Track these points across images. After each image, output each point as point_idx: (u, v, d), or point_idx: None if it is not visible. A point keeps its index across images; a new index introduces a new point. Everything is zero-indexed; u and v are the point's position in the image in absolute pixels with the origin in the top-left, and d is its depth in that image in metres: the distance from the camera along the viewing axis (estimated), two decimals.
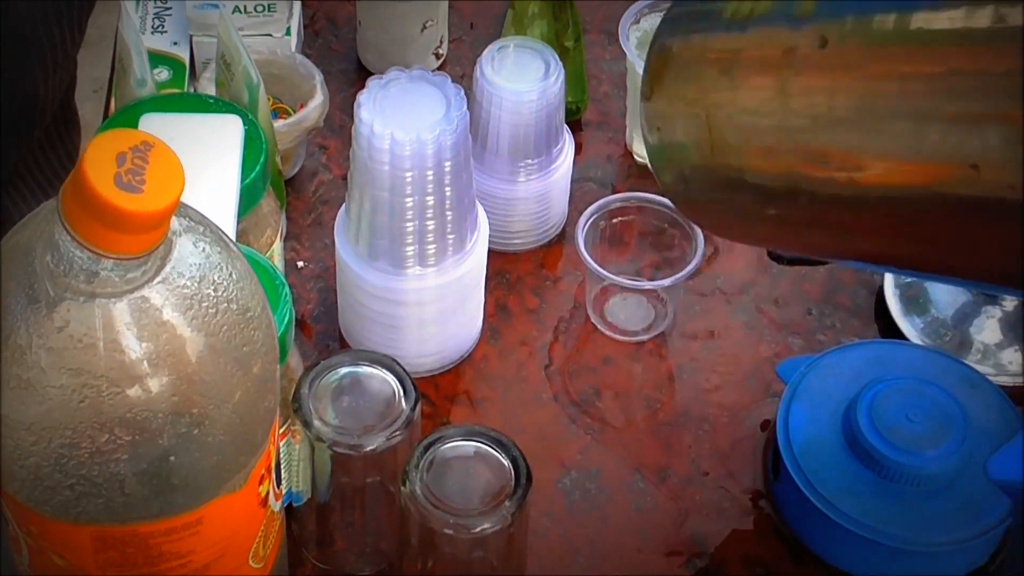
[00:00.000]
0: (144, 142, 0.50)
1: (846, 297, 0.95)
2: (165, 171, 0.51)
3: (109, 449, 0.54)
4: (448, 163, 0.79)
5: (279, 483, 0.66)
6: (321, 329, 0.92)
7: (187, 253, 0.54)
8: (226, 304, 0.55)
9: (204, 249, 0.55)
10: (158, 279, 0.53)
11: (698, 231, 0.90)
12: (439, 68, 1.05)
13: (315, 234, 0.96)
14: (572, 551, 0.83)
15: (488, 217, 0.89)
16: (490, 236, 0.90)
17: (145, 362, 0.53)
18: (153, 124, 0.78)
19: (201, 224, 0.56)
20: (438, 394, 0.89)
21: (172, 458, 0.55)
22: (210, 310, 0.54)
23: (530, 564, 0.80)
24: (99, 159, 0.49)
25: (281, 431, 0.77)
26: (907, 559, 0.79)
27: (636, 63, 0.95)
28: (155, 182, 0.50)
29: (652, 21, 0.98)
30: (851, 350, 0.86)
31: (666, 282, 0.88)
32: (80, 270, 0.52)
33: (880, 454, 0.79)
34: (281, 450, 0.78)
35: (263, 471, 0.61)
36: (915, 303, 0.93)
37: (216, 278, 0.55)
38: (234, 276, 0.56)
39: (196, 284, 0.54)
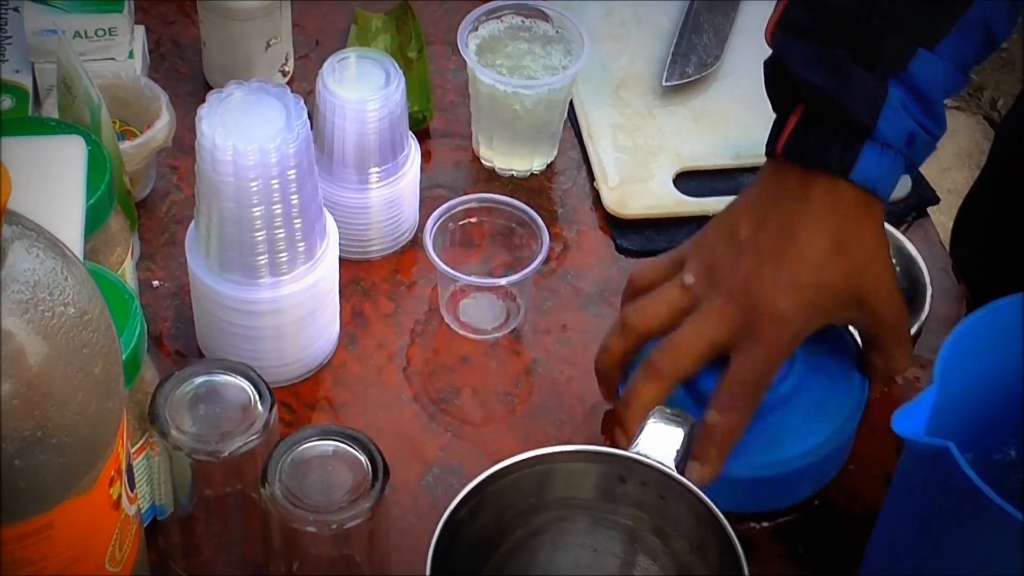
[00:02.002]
0: None
1: None
2: None
3: None
4: (292, 171, 0.81)
5: (132, 488, 0.66)
6: (180, 346, 0.92)
7: (21, 259, 0.55)
8: (63, 307, 0.56)
9: (38, 255, 0.56)
10: None
11: (544, 229, 0.92)
12: (287, 85, 1.07)
13: (169, 253, 0.97)
14: None
15: (341, 226, 0.90)
16: (345, 245, 0.92)
17: None
18: None
19: (34, 231, 0.57)
20: (299, 402, 0.90)
21: (17, 462, 0.56)
22: (46, 313, 0.55)
23: (396, 562, 0.81)
24: None
25: (139, 445, 0.78)
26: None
27: (476, 69, 0.97)
28: None
29: (490, 28, 1.01)
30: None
31: (515, 278, 0.90)
32: None
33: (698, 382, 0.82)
34: (141, 464, 0.78)
35: (113, 473, 0.62)
36: None
37: (51, 282, 0.56)
38: (70, 280, 0.57)
39: (31, 289, 0.55)
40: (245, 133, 0.79)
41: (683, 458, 0.75)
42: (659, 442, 0.75)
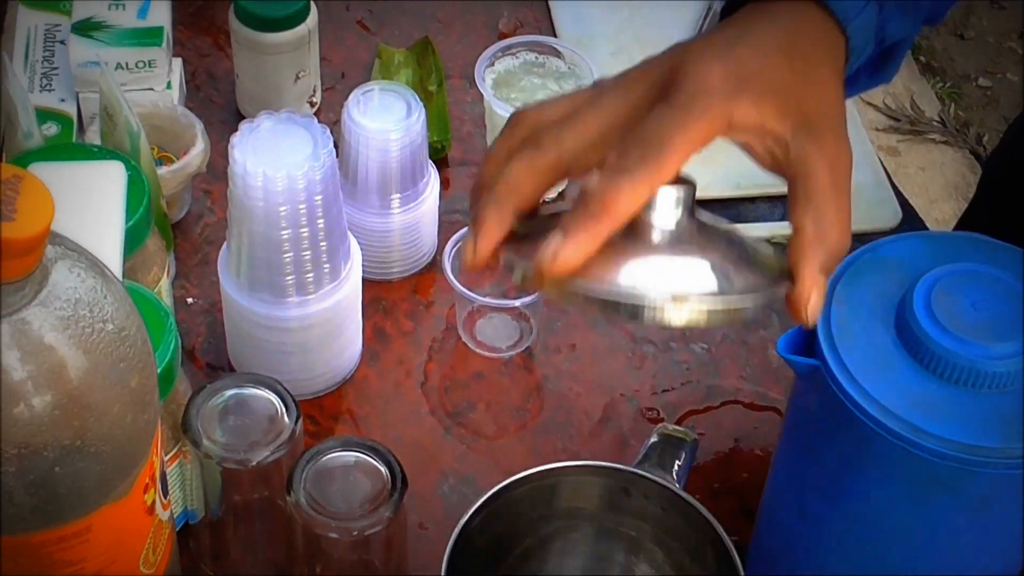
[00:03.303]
0: (15, 175, 0.51)
1: None
2: (36, 200, 0.51)
3: None
4: (318, 196, 0.81)
5: (166, 494, 0.66)
6: (211, 359, 0.92)
7: (63, 278, 0.55)
8: (102, 324, 0.56)
9: (79, 274, 0.56)
10: (36, 302, 0.53)
11: None
12: (314, 115, 1.07)
13: (202, 272, 0.97)
14: None
15: (364, 249, 0.90)
16: (367, 266, 0.91)
17: (27, 381, 0.53)
18: (41, 172, 0.78)
19: (76, 252, 0.56)
20: (322, 414, 0.90)
21: (58, 469, 0.56)
22: (87, 330, 0.55)
23: (413, 566, 0.81)
24: None
25: (173, 453, 0.78)
26: (947, 475, 0.65)
27: (493, 102, 0.97)
28: (26, 211, 0.51)
29: (505, 63, 1.01)
30: (902, 241, 0.73)
31: (528, 300, 0.90)
32: None
33: (932, 342, 0.65)
34: (174, 471, 0.78)
35: (147, 480, 0.62)
36: None
37: (92, 300, 0.55)
38: (109, 298, 0.56)
39: (73, 306, 0.55)
40: (275, 160, 0.79)
41: (685, 473, 0.75)
42: (662, 458, 0.75)
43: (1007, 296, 0.66)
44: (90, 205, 0.77)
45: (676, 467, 0.74)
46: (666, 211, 0.59)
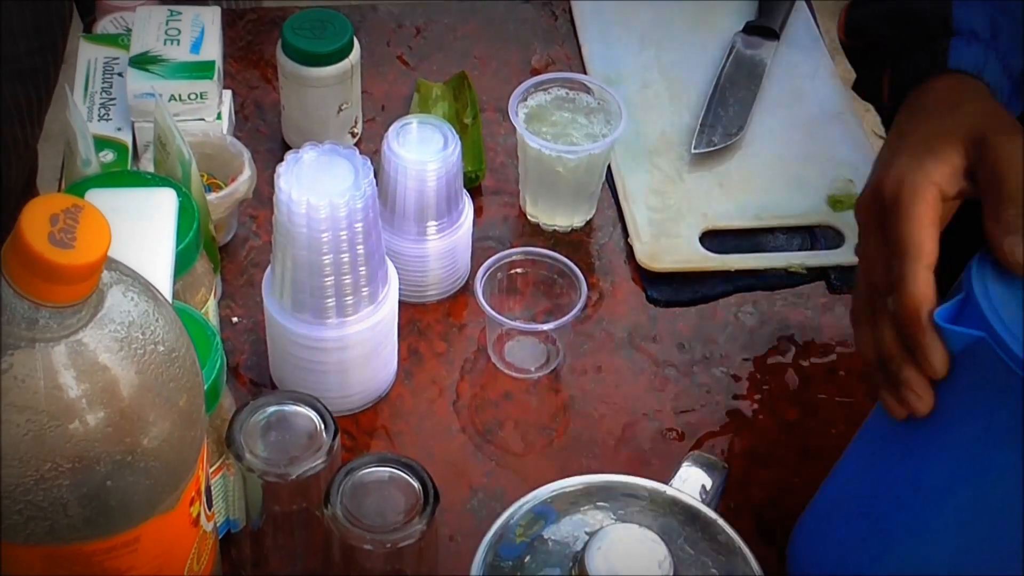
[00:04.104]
0: (74, 204, 0.52)
1: (714, 332, 0.98)
2: (94, 229, 0.52)
3: (52, 476, 0.55)
4: (359, 224, 0.81)
5: (210, 506, 0.66)
6: (254, 376, 0.93)
7: (118, 301, 0.55)
8: (153, 346, 0.56)
9: (133, 298, 0.56)
10: (92, 324, 0.54)
11: (583, 280, 0.92)
12: (355, 145, 1.07)
13: (247, 293, 0.97)
14: None
15: (401, 273, 0.90)
16: (404, 289, 0.92)
17: (82, 398, 0.54)
18: (97, 198, 0.79)
19: (130, 276, 0.57)
20: (358, 429, 0.90)
21: (109, 483, 0.56)
22: (139, 351, 0.55)
23: None
24: (35, 220, 0.50)
25: (217, 465, 0.78)
26: None
27: (525, 135, 0.98)
28: (85, 239, 0.51)
29: (538, 99, 1.01)
30: None
31: (555, 324, 0.90)
32: (21, 318, 0.52)
33: None
34: (217, 483, 0.78)
35: (193, 494, 0.62)
36: None
37: (144, 323, 0.56)
38: (160, 321, 0.57)
39: (126, 328, 0.55)
40: (318, 189, 0.80)
41: (716, 498, 0.74)
42: (692, 481, 0.74)
43: None
44: (143, 229, 0.78)
45: (703, 491, 0.73)
46: None
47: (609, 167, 1.05)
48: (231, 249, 1.00)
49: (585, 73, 1.14)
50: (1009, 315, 0.64)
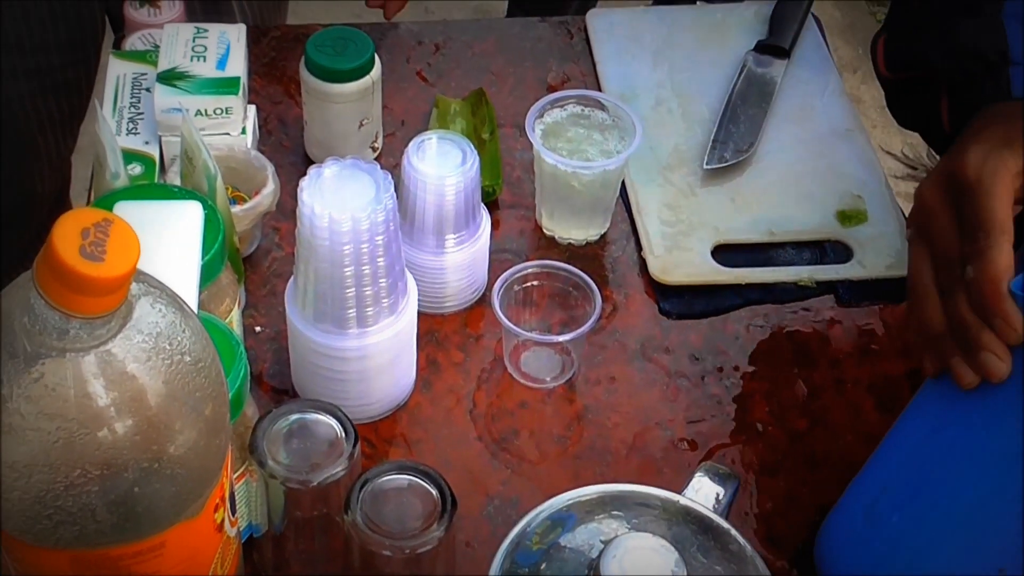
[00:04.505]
0: (105, 219, 0.52)
1: (725, 344, 0.97)
2: (123, 243, 0.52)
3: (81, 483, 0.55)
4: (380, 237, 0.81)
5: (234, 512, 0.66)
6: (277, 384, 0.93)
7: (146, 313, 0.55)
8: (180, 356, 0.56)
9: (160, 309, 0.56)
10: (121, 335, 0.54)
11: (597, 292, 0.92)
12: (376, 159, 1.07)
13: (270, 303, 0.98)
14: None
15: (420, 285, 0.91)
16: (423, 301, 0.92)
17: (111, 407, 0.54)
18: (126, 210, 0.79)
19: (158, 288, 0.57)
20: (378, 437, 0.90)
21: (136, 489, 0.56)
22: (166, 361, 0.55)
23: None
24: (66, 234, 0.51)
25: (240, 472, 0.78)
26: None
27: (541, 151, 0.98)
28: (115, 252, 0.51)
29: (554, 115, 1.01)
30: None
31: (570, 336, 0.90)
32: (53, 329, 0.53)
33: None
34: (241, 489, 0.78)
35: (218, 500, 0.62)
36: None
37: (171, 334, 0.56)
38: (187, 332, 0.57)
39: (154, 339, 0.55)
40: (340, 203, 0.80)
41: (726, 507, 0.73)
42: (704, 492, 0.74)
43: None
44: (170, 241, 0.78)
45: (716, 501, 0.73)
46: None
47: (623, 182, 1.05)
48: (255, 260, 1.00)
49: (600, 90, 1.14)
50: None
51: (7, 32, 1.26)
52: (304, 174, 0.81)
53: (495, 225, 1.02)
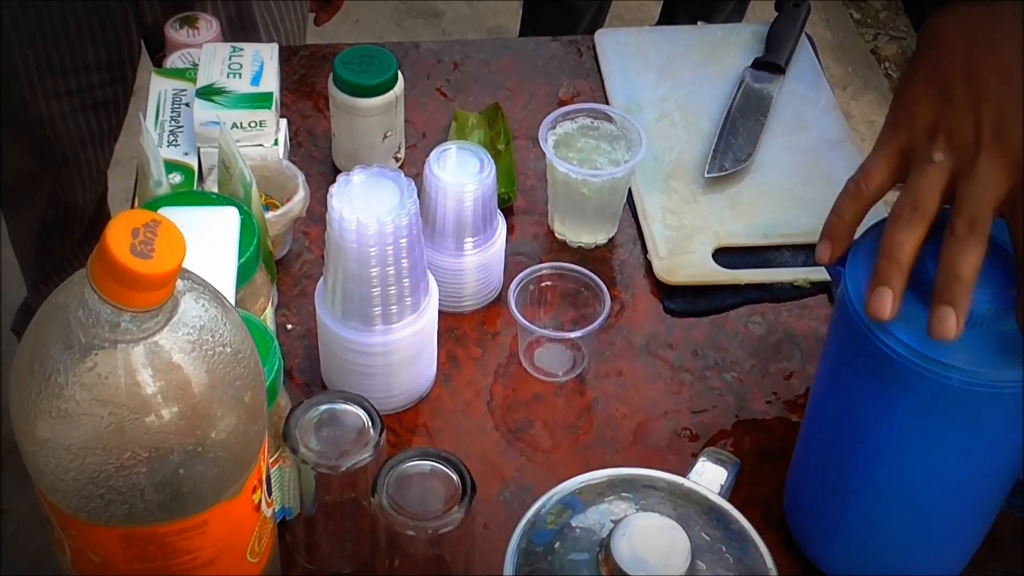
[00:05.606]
0: (153, 220, 0.53)
1: (725, 340, 0.98)
2: (170, 242, 0.53)
3: (131, 464, 0.55)
4: (404, 240, 0.82)
5: (270, 494, 0.67)
6: (307, 378, 0.93)
7: (190, 307, 0.56)
8: (222, 347, 0.57)
9: (204, 304, 0.57)
10: (167, 328, 0.55)
11: (606, 292, 0.93)
12: (399, 168, 1.08)
13: (301, 302, 0.98)
14: None
15: (441, 285, 0.91)
16: (443, 300, 0.92)
17: (158, 394, 0.55)
18: (168, 215, 0.80)
19: (201, 285, 0.58)
20: (401, 427, 0.91)
21: (181, 471, 0.57)
22: (209, 352, 0.56)
23: (478, 561, 0.81)
24: (118, 234, 0.52)
25: (274, 458, 0.78)
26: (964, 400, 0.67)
27: (553, 160, 0.98)
28: (162, 251, 0.52)
29: (565, 127, 1.01)
30: None
31: (581, 333, 0.90)
32: (105, 322, 0.53)
33: (931, 276, 0.67)
34: (275, 474, 0.79)
35: (255, 482, 0.62)
36: None
37: (214, 327, 0.57)
38: (228, 325, 0.58)
39: (198, 332, 0.56)
40: (366, 208, 0.80)
41: (728, 490, 0.74)
42: (708, 475, 0.74)
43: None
44: (209, 244, 0.79)
45: (720, 487, 0.73)
46: None
47: (630, 189, 1.06)
48: (286, 263, 1.01)
49: (608, 104, 1.15)
50: None
51: (51, 55, 1.27)
52: (331, 183, 0.82)
53: (510, 229, 1.03)
